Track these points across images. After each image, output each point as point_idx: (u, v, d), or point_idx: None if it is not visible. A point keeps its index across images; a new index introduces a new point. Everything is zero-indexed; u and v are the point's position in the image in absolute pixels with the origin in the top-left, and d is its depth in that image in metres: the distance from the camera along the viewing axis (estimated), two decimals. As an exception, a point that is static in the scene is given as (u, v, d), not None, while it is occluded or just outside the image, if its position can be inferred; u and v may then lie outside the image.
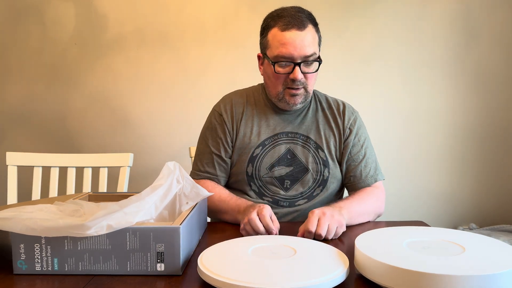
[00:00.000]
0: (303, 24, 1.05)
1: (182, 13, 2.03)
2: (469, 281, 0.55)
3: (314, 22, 1.09)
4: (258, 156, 1.13)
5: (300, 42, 1.03)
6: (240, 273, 0.61)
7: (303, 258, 0.68)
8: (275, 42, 1.06)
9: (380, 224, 1.05)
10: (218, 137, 1.16)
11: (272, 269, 0.63)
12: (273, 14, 1.10)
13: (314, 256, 0.70)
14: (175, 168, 0.82)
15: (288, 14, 1.06)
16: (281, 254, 0.70)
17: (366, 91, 2.05)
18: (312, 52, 1.05)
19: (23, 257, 0.69)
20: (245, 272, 0.62)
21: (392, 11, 2.02)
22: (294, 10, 1.07)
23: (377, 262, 0.61)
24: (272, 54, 1.07)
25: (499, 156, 2.08)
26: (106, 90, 2.07)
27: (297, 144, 1.14)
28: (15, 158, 1.46)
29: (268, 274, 0.61)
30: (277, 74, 1.07)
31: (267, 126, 1.16)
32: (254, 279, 0.59)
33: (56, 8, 2.04)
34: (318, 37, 1.10)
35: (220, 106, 1.19)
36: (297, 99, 1.10)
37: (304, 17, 1.06)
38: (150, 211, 0.75)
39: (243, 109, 1.17)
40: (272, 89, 1.12)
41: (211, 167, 1.16)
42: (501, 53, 2.04)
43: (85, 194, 0.99)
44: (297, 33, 1.04)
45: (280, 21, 1.06)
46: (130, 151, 1.59)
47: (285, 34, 1.04)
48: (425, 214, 2.06)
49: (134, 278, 0.69)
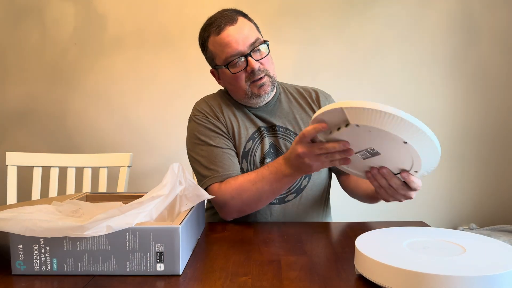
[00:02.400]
0: (233, 18, 1.06)
1: (182, 13, 2.03)
2: (470, 281, 0.55)
3: (243, 14, 1.10)
4: (250, 150, 1.11)
5: (239, 34, 1.04)
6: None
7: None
8: (217, 48, 1.06)
9: (380, 224, 1.05)
10: (217, 133, 1.10)
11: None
12: (203, 27, 1.11)
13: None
14: (178, 170, 0.82)
15: (215, 18, 1.08)
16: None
17: (366, 91, 2.04)
18: (255, 38, 1.06)
19: (21, 257, 0.69)
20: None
21: (392, 11, 2.02)
22: (219, 12, 1.09)
23: (377, 262, 0.61)
24: (221, 60, 1.07)
25: (499, 156, 2.08)
26: (106, 90, 2.06)
27: (278, 137, 1.13)
28: (15, 158, 1.45)
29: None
30: (235, 74, 1.06)
31: (250, 121, 1.13)
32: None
33: (56, 8, 2.04)
34: (254, 24, 1.11)
35: (199, 110, 1.14)
36: (265, 88, 1.08)
37: (230, 12, 1.08)
38: (150, 213, 0.74)
39: (221, 108, 1.14)
40: (239, 91, 1.09)
41: (227, 164, 1.06)
42: (501, 53, 2.04)
43: (82, 194, 0.99)
44: (232, 28, 1.04)
45: (211, 28, 1.07)
46: (130, 151, 1.59)
47: (222, 35, 1.05)
48: (425, 214, 2.05)
49: (133, 278, 0.68)
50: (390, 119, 0.68)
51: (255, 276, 0.69)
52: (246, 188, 0.99)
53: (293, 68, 2.02)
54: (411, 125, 0.68)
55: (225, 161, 1.07)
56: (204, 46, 1.12)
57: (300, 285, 0.65)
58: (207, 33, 1.08)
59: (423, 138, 0.71)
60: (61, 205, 0.83)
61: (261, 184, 0.97)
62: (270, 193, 0.98)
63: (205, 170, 1.06)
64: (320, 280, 0.67)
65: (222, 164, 1.06)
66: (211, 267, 0.73)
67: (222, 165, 1.06)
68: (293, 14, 2.01)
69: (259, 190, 0.98)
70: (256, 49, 1.05)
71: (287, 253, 0.81)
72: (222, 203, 1.01)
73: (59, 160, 1.48)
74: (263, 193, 0.98)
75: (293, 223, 1.06)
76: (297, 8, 2.02)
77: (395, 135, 0.70)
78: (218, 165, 1.06)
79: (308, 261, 0.76)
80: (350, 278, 0.68)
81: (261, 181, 0.97)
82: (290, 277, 0.69)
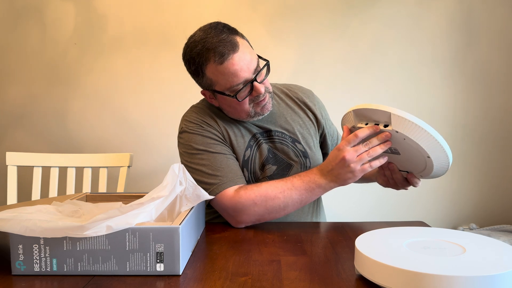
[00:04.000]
0: (234, 43, 0.97)
1: (182, 13, 2.03)
2: (470, 282, 0.55)
3: (237, 32, 1.02)
4: (250, 158, 1.09)
5: (244, 62, 0.98)
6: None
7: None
8: (220, 77, 0.99)
9: (380, 224, 1.05)
10: (215, 140, 1.06)
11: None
12: (196, 52, 0.99)
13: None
14: (179, 170, 0.82)
15: (212, 44, 0.97)
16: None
17: (366, 91, 2.04)
18: (256, 61, 1.02)
19: (21, 257, 0.69)
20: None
21: (392, 11, 2.02)
22: (212, 35, 0.97)
23: (377, 262, 0.61)
24: (224, 88, 1.01)
25: (499, 156, 2.08)
26: (106, 90, 2.06)
27: (275, 142, 1.12)
28: (15, 158, 1.46)
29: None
30: (242, 100, 1.02)
31: (245, 128, 1.11)
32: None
33: (56, 8, 2.04)
34: (247, 41, 1.04)
35: (191, 122, 1.09)
36: (268, 106, 1.06)
37: (227, 36, 0.98)
38: (150, 214, 0.74)
39: (215, 119, 1.09)
40: (241, 113, 1.06)
41: (235, 168, 1.03)
42: (501, 53, 2.04)
43: (82, 195, 0.99)
44: (236, 56, 0.97)
45: (210, 55, 0.97)
46: (130, 151, 1.59)
47: (227, 65, 0.97)
48: (425, 214, 2.05)
49: (133, 278, 0.68)
50: (429, 138, 0.80)
51: (255, 276, 0.69)
52: (273, 196, 0.96)
53: (293, 67, 2.02)
54: (442, 149, 0.81)
55: (232, 166, 1.03)
56: (198, 72, 1.02)
57: (300, 285, 0.65)
58: (204, 59, 0.99)
59: (444, 159, 0.84)
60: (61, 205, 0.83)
61: (290, 193, 0.96)
62: (298, 202, 0.97)
63: (209, 177, 1.00)
64: (320, 280, 0.68)
65: (230, 169, 1.02)
66: (211, 267, 0.73)
67: (230, 170, 1.02)
68: (293, 14, 2.01)
69: (287, 198, 0.96)
70: (259, 72, 1.02)
71: (287, 253, 0.81)
72: (240, 209, 0.96)
73: (59, 160, 1.48)
74: (291, 202, 0.96)
75: (293, 223, 1.06)
76: (297, 7, 2.02)
77: (424, 150, 0.82)
78: (225, 170, 1.01)
79: (308, 261, 0.76)
80: (350, 278, 0.68)
81: (291, 190, 0.96)
82: (290, 277, 0.69)
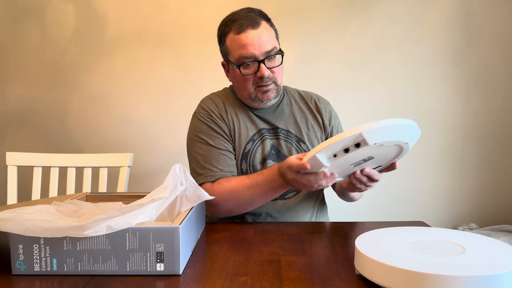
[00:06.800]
0: (256, 22, 1.07)
1: (182, 13, 2.03)
2: (470, 281, 0.55)
3: (266, 18, 1.11)
4: (250, 151, 1.13)
5: (258, 40, 1.06)
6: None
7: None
8: (234, 46, 1.08)
9: (380, 224, 1.05)
10: (218, 133, 1.12)
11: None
12: (225, 21, 1.12)
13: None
14: (180, 170, 0.82)
15: (239, 16, 1.08)
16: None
17: (366, 91, 2.04)
18: (272, 47, 1.08)
19: (21, 257, 0.69)
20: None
21: (392, 10, 2.02)
22: (244, 11, 1.10)
23: (377, 262, 0.61)
24: (234, 58, 1.09)
25: (499, 156, 2.08)
26: (106, 90, 2.06)
27: (280, 139, 1.15)
28: (15, 158, 1.46)
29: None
30: (244, 76, 1.09)
31: (252, 122, 1.16)
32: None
33: (56, 8, 2.04)
34: (274, 31, 1.13)
35: (204, 108, 1.16)
36: (269, 95, 1.11)
37: (255, 15, 1.09)
38: (150, 214, 0.74)
39: (225, 108, 1.16)
40: (243, 92, 1.12)
41: (222, 164, 1.09)
42: (501, 53, 2.04)
43: (82, 194, 0.99)
44: (252, 32, 1.06)
45: (233, 25, 1.08)
46: (130, 151, 1.59)
47: (241, 36, 1.06)
48: (425, 214, 2.05)
49: (133, 278, 0.68)
50: (405, 129, 0.76)
51: (255, 276, 0.69)
52: (240, 193, 1.03)
53: (293, 67, 2.02)
54: (415, 128, 0.77)
55: (220, 161, 1.10)
56: (221, 39, 1.13)
57: (300, 285, 0.65)
58: (228, 28, 1.10)
59: (416, 132, 0.80)
60: (61, 205, 0.83)
61: (255, 190, 1.02)
62: (263, 198, 1.03)
63: (200, 168, 1.10)
64: (320, 280, 0.68)
65: (217, 165, 1.09)
66: (211, 267, 0.73)
67: (217, 165, 1.09)
68: (293, 14, 2.01)
69: (253, 195, 1.03)
70: (271, 57, 1.08)
71: (287, 253, 0.81)
72: (213, 202, 1.04)
73: (59, 160, 1.48)
74: (256, 198, 1.03)
75: (293, 223, 1.06)
76: (297, 7, 2.02)
77: (403, 141, 0.79)
78: (213, 165, 1.09)
79: (308, 261, 0.76)
80: (350, 278, 0.68)
81: (255, 188, 1.02)
82: (290, 277, 0.69)
